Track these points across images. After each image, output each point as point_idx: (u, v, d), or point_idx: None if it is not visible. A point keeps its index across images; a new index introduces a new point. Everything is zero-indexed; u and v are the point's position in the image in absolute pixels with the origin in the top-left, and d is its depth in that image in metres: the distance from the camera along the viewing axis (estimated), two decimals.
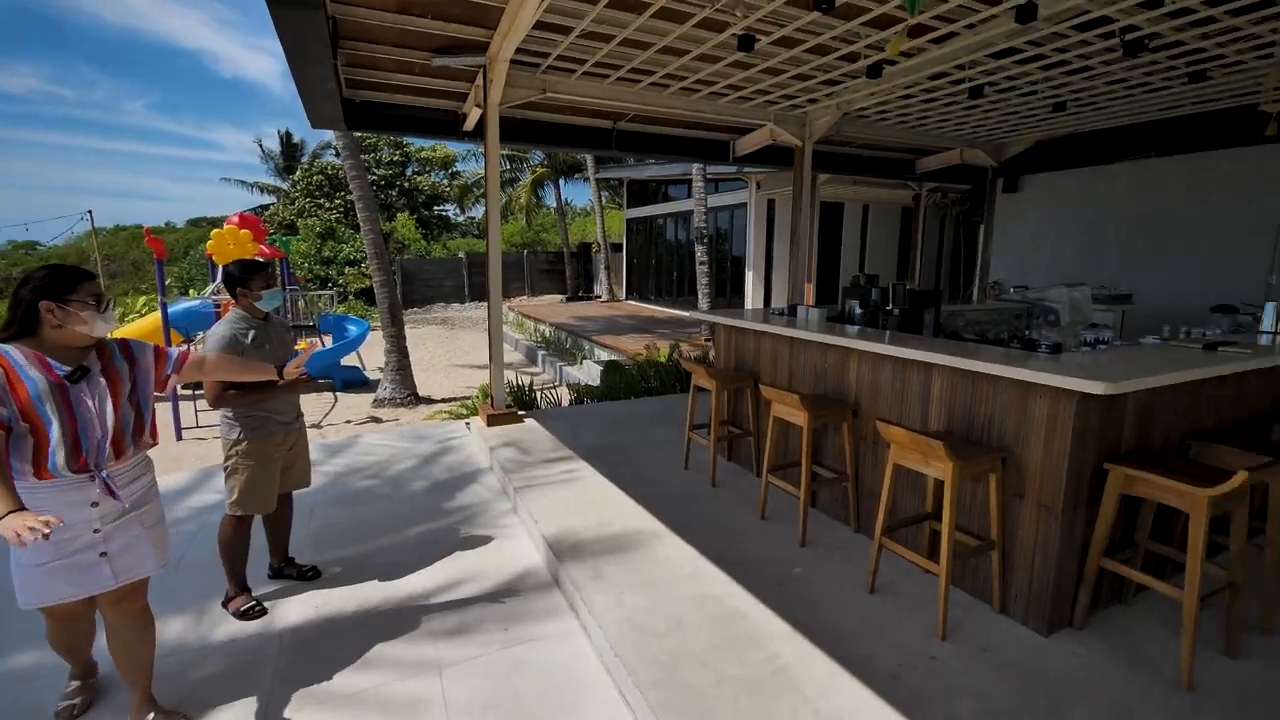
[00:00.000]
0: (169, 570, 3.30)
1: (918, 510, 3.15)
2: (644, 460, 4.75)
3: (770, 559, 3.25)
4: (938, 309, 4.01)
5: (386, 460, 5.10)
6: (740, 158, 8.19)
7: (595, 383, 8.77)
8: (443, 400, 10.34)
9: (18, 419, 1.87)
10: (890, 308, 3.98)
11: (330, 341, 12.45)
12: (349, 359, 11.97)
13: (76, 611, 2.21)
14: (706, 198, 12.40)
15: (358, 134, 11.86)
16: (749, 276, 13.77)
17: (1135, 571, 2.54)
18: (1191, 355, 2.90)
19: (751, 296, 13.77)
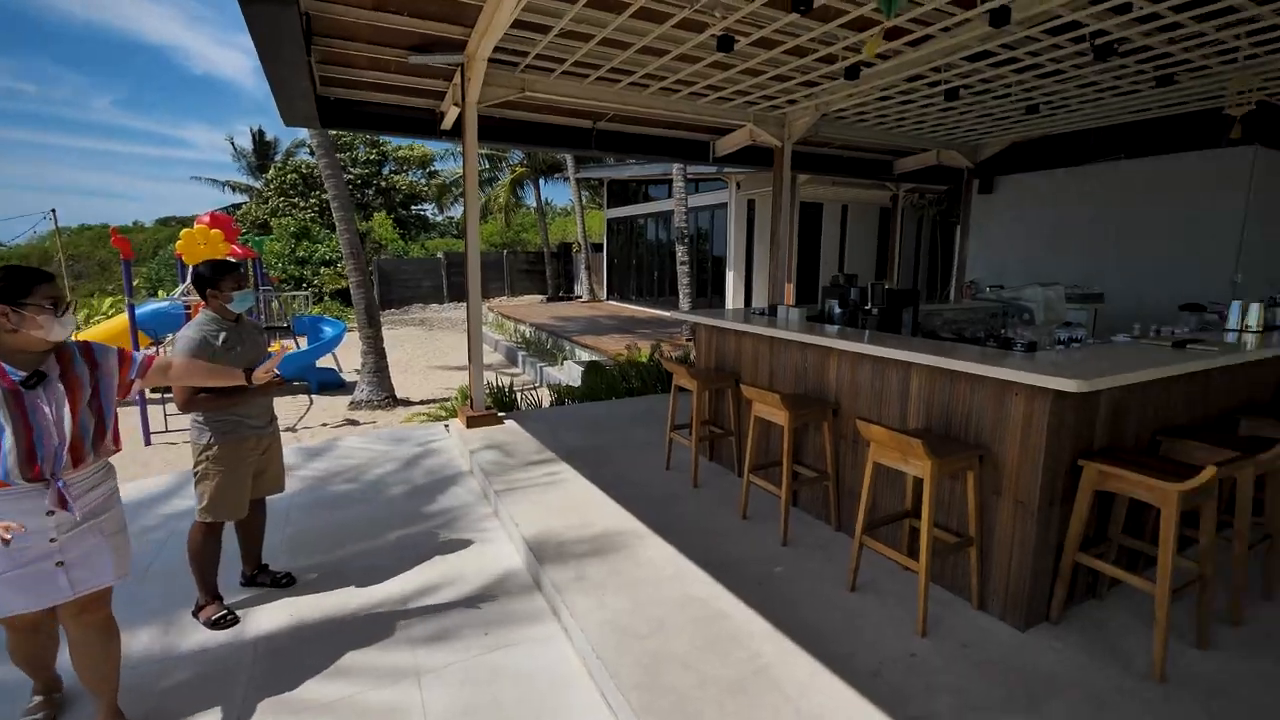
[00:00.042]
0: (137, 579, 3.23)
1: (898, 508, 3.17)
2: (625, 461, 4.73)
3: (752, 558, 3.26)
4: (916, 308, 4.05)
5: (364, 464, 5.01)
6: (720, 158, 8.22)
7: (576, 383, 8.73)
8: (421, 402, 10.22)
9: None
10: (869, 307, 4.01)
11: (305, 343, 12.24)
12: (325, 361, 11.78)
13: (37, 622, 2.13)
14: (687, 198, 12.44)
15: (333, 132, 11.69)
16: (730, 276, 13.83)
17: (1109, 566, 2.59)
18: (1161, 353, 2.96)
19: (732, 296, 13.83)
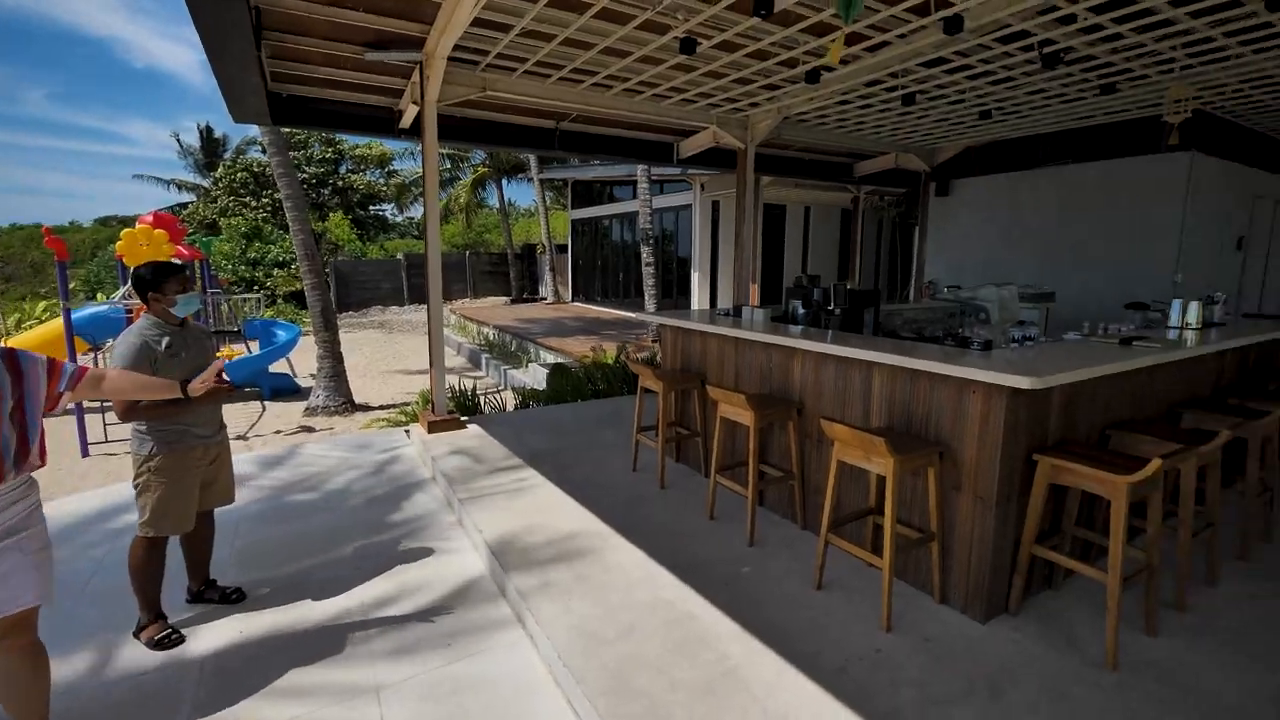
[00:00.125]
0: (72, 598, 3.05)
1: (862, 506, 3.21)
2: (592, 464, 4.69)
3: (720, 559, 3.25)
4: (877, 308, 4.12)
5: (322, 472, 4.85)
6: (684, 160, 8.25)
7: (541, 386, 8.63)
8: (381, 407, 9.97)
9: None
10: (832, 307, 4.06)
11: (257, 348, 11.82)
12: (278, 365, 11.38)
13: None
14: (652, 199, 12.45)
15: (287, 130, 11.32)
16: (695, 277, 13.90)
17: (1063, 557, 2.66)
18: (1110, 350, 3.07)
19: (697, 297, 13.90)
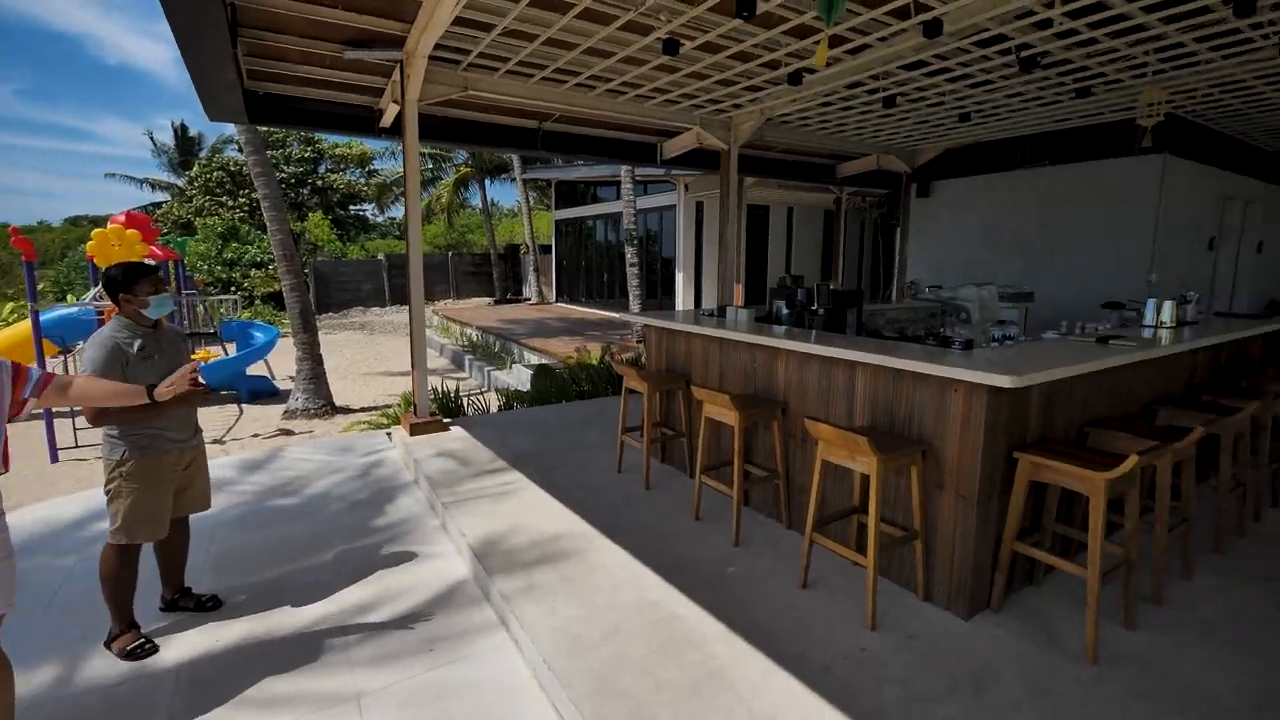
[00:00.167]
0: (39, 608, 2.96)
1: (846, 505, 3.22)
2: (576, 465, 4.67)
3: (705, 560, 3.25)
4: (860, 308, 4.14)
5: (302, 476, 4.77)
6: (668, 160, 8.25)
7: (525, 387, 8.58)
8: (362, 410, 9.84)
9: None
10: (815, 308, 4.08)
11: (234, 350, 11.62)
12: (256, 368, 11.20)
13: None
14: (636, 200, 12.43)
15: (264, 128, 11.14)
16: (679, 278, 13.91)
17: (1044, 553, 2.69)
18: (1087, 349, 3.11)
19: (682, 298, 13.91)
